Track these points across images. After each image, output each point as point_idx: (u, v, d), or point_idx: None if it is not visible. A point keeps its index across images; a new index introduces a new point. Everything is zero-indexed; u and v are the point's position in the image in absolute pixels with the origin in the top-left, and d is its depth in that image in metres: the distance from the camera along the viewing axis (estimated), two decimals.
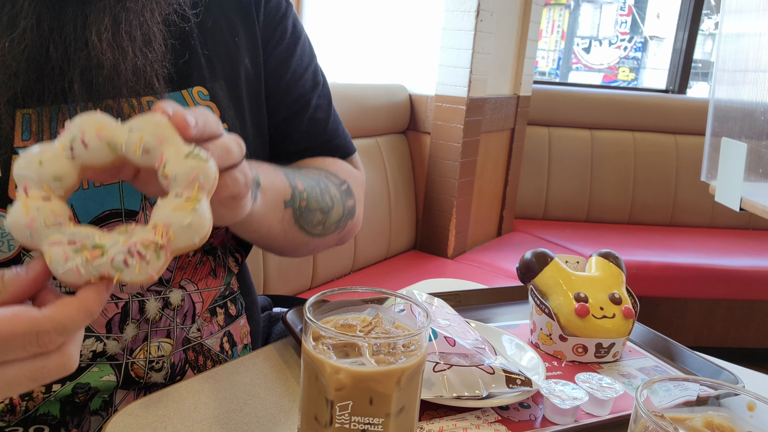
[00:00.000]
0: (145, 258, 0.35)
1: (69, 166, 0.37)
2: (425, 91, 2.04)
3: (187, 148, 0.37)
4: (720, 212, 2.55)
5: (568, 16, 4.62)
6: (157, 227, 0.36)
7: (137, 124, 0.37)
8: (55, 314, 0.34)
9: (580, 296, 0.67)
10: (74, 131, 0.37)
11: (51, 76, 0.48)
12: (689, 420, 0.40)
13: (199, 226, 0.37)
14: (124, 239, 0.36)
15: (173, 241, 0.36)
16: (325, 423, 0.42)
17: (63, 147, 0.37)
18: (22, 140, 0.49)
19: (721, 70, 1.79)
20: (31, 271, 0.36)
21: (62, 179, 0.37)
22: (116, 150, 0.37)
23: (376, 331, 0.44)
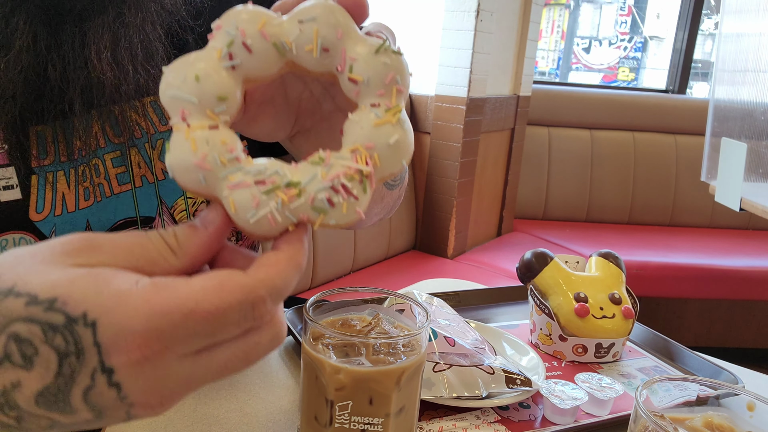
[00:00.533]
0: (352, 193, 0.28)
1: (231, 81, 0.29)
2: (425, 91, 2.04)
3: (373, 41, 0.30)
4: (720, 212, 2.55)
5: (568, 16, 4.62)
6: (358, 151, 0.29)
7: (306, 13, 0.29)
8: (267, 276, 0.27)
9: (579, 296, 0.67)
10: (231, 31, 0.29)
11: (50, 97, 0.46)
12: (689, 420, 0.40)
13: (405, 145, 0.30)
14: (323, 171, 0.28)
15: (379, 168, 0.29)
16: (325, 423, 0.42)
17: (219, 54, 0.29)
18: (40, 159, 0.48)
19: (721, 70, 1.79)
20: (210, 224, 0.29)
21: (227, 99, 0.29)
22: (285, 52, 0.29)
23: (375, 331, 0.44)
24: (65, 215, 0.50)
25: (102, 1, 0.45)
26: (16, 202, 0.48)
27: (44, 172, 0.48)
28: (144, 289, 0.26)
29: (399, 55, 0.30)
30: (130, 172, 0.52)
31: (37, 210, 0.49)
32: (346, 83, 0.30)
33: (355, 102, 0.30)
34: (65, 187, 0.50)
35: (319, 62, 0.30)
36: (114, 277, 0.27)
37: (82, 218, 0.51)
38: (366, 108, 0.30)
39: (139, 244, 0.29)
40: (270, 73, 0.30)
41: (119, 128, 0.50)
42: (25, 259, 0.28)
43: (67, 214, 0.50)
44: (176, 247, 0.29)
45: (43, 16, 0.45)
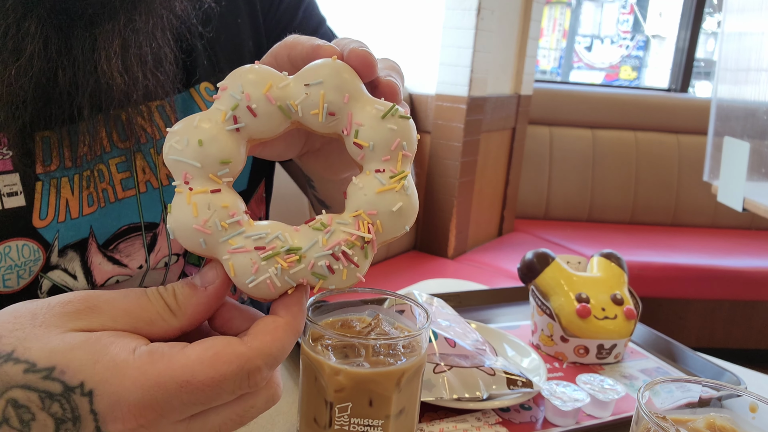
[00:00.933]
0: (351, 260, 0.28)
1: (235, 144, 0.29)
2: (425, 90, 2.04)
3: (381, 105, 0.29)
4: (722, 212, 2.54)
5: (570, 15, 4.61)
6: (361, 217, 0.29)
7: (313, 75, 0.29)
8: (264, 344, 0.28)
9: (581, 297, 0.67)
10: (236, 95, 0.29)
11: (59, 102, 0.46)
12: (691, 421, 0.39)
13: (410, 211, 0.30)
14: (324, 238, 0.28)
15: (381, 234, 0.29)
16: (325, 425, 0.41)
17: (224, 117, 0.29)
18: (44, 165, 0.47)
19: (723, 69, 1.78)
20: (209, 282, 0.29)
21: (230, 162, 0.29)
22: (290, 114, 0.30)
23: (375, 332, 0.44)
24: (69, 221, 0.50)
25: (113, 7, 0.45)
26: (20, 208, 0.47)
27: (49, 178, 0.48)
28: (140, 359, 0.27)
29: (406, 119, 0.30)
30: (134, 177, 0.52)
31: (40, 216, 0.48)
32: (352, 147, 0.30)
33: (360, 165, 0.30)
34: (69, 193, 0.49)
35: (325, 126, 0.30)
36: (111, 345, 0.27)
37: (86, 224, 0.51)
38: (371, 173, 0.29)
39: (138, 305, 0.29)
40: (276, 134, 0.31)
41: (125, 133, 0.50)
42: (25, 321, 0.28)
43: (71, 220, 0.50)
44: (175, 307, 0.29)
45: (54, 21, 0.44)
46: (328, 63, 0.29)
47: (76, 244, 0.50)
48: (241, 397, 0.29)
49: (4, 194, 0.46)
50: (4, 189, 0.46)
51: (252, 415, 0.29)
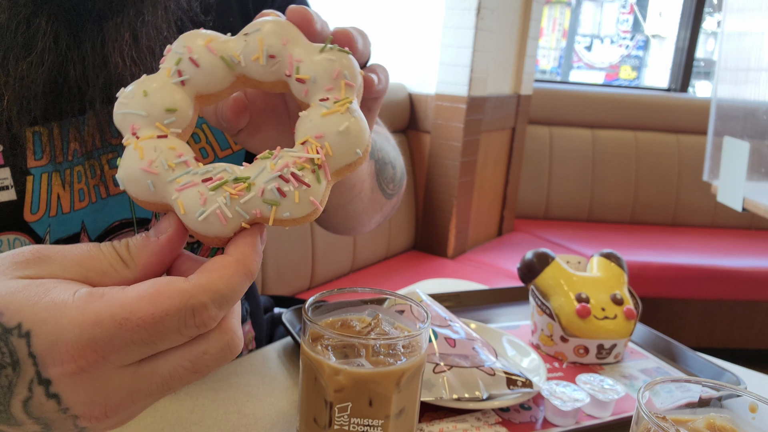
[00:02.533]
0: (303, 180, 0.27)
1: (181, 95, 0.30)
2: (425, 90, 2.04)
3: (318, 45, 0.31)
4: (722, 212, 2.54)
5: (570, 14, 4.61)
6: (309, 142, 0.29)
7: (251, 27, 0.31)
8: (209, 281, 0.26)
9: (581, 297, 0.67)
10: (179, 50, 0.30)
11: (69, 96, 0.46)
12: (691, 421, 0.39)
13: (358, 132, 0.29)
14: (272, 164, 0.28)
15: (332, 157, 0.29)
16: (324, 425, 0.41)
17: (168, 72, 0.30)
18: (35, 159, 0.47)
19: (723, 69, 1.78)
20: (162, 232, 0.29)
21: (176, 111, 0.29)
22: (233, 65, 0.30)
23: (375, 331, 0.44)
24: (60, 216, 0.50)
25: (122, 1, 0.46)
26: (11, 202, 0.47)
27: (40, 173, 0.48)
28: (79, 299, 0.26)
29: (345, 52, 0.30)
30: None
31: (31, 211, 0.48)
32: (296, 85, 0.30)
33: (307, 103, 0.30)
34: (60, 188, 0.49)
35: (267, 70, 0.30)
36: (54, 289, 0.26)
37: (78, 219, 0.51)
38: (315, 104, 0.30)
39: (89, 256, 0.28)
40: (222, 87, 0.31)
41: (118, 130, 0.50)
42: None
43: (62, 215, 0.50)
44: (128, 258, 0.28)
45: (64, 16, 0.45)
46: (265, 18, 0.31)
47: (68, 239, 0.50)
48: (192, 341, 0.27)
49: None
50: None
51: (206, 363, 0.28)
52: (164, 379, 0.27)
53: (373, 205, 0.60)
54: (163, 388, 0.27)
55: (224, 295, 0.27)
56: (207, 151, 0.55)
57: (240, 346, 0.29)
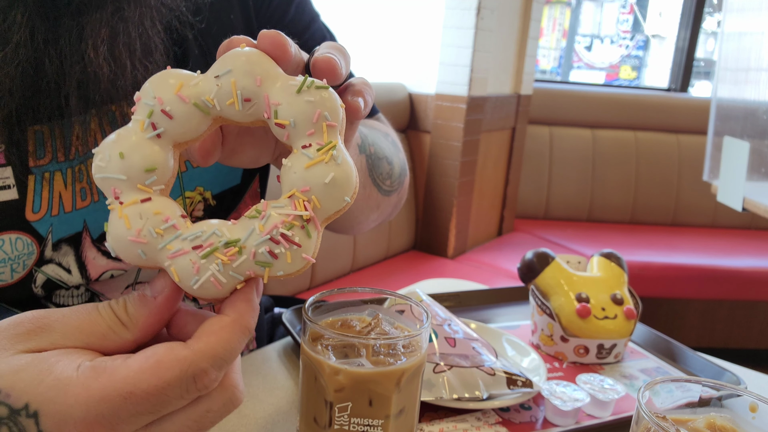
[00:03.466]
0: (293, 241, 0.27)
1: (158, 149, 0.29)
2: (425, 90, 2.04)
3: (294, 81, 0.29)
4: (722, 212, 2.54)
5: (570, 14, 4.61)
6: (295, 196, 0.28)
7: (221, 66, 0.29)
8: (208, 346, 0.27)
9: (581, 297, 0.67)
10: (149, 101, 0.29)
11: (47, 92, 0.45)
12: (691, 421, 0.39)
13: (345, 180, 0.29)
14: (261, 225, 0.28)
15: (320, 209, 0.29)
16: (324, 424, 0.41)
17: (142, 126, 0.29)
18: (37, 158, 0.47)
19: (723, 69, 1.78)
20: (159, 292, 0.29)
21: (156, 169, 0.29)
22: (208, 110, 0.29)
23: (375, 331, 0.44)
24: (62, 215, 0.50)
25: None
26: (12, 201, 0.47)
27: (41, 172, 0.48)
28: (84, 375, 0.27)
29: (324, 89, 0.29)
30: None
31: (33, 210, 0.48)
32: (276, 129, 0.30)
33: (289, 146, 0.30)
34: (62, 186, 0.49)
35: (244, 114, 0.29)
36: (57, 364, 0.27)
37: (79, 218, 0.50)
38: (298, 151, 0.29)
39: (89, 321, 0.29)
40: (199, 133, 0.30)
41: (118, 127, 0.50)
42: None
43: (64, 214, 0.50)
44: (126, 320, 0.29)
45: (41, 10, 0.44)
46: (235, 52, 0.29)
47: (70, 238, 0.50)
48: (195, 402, 0.28)
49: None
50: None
51: (211, 420, 0.29)
52: None
53: (367, 202, 0.60)
54: None
55: (223, 357, 0.27)
56: None
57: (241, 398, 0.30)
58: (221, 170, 0.56)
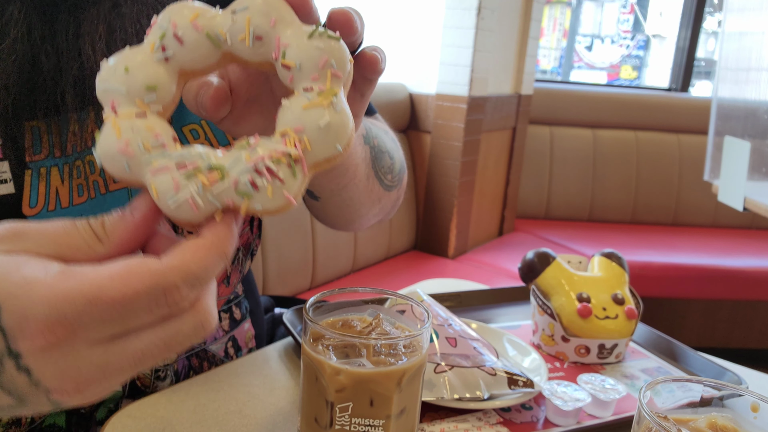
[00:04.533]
0: (277, 175, 0.27)
1: (163, 72, 0.30)
2: (426, 90, 2.04)
3: (308, 27, 0.30)
4: (723, 212, 2.54)
5: (570, 14, 4.61)
6: (287, 134, 0.28)
7: (240, 4, 0.29)
8: (182, 261, 0.27)
9: (582, 296, 0.67)
10: (163, 24, 0.30)
11: (43, 88, 0.45)
12: (693, 421, 0.39)
13: (340, 127, 0.28)
14: (248, 154, 0.27)
15: (310, 152, 0.28)
16: (325, 425, 0.41)
17: (152, 47, 0.30)
18: (34, 154, 0.47)
19: (724, 69, 1.78)
20: (137, 211, 0.29)
21: (157, 88, 0.29)
22: (219, 43, 0.30)
23: (376, 331, 0.44)
24: (59, 210, 0.49)
25: None
26: (9, 196, 0.47)
27: (38, 167, 0.48)
28: (51, 276, 0.26)
29: (336, 39, 0.29)
30: None
31: (30, 205, 0.48)
32: (281, 70, 0.30)
33: (291, 89, 0.30)
34: (59, 182, 0.49)
35: (254, 51, 0.30)
36: (25, 264, 0.27)
37: (77, 214, 0.50)
38: (299, 92, 0.29)
39: (65, 232, 0.28)
40: (207, 64, 0.30)
41: None
42: None
43: (61, 209, 0.49)
44: (102, 234, 0.28)
45: (38, 5, 0.44)
46: None
47: None
48: (165, 321, 0.27)
49: None
50: None
51: (179, 342, 0.28)
52: (136, 356, 0.27)
53: (369, 195, 0.60)
54: (135, 365, 0.28)
55: (197, 275, 0.27)
56: None
57: (213, 325, 0.29)
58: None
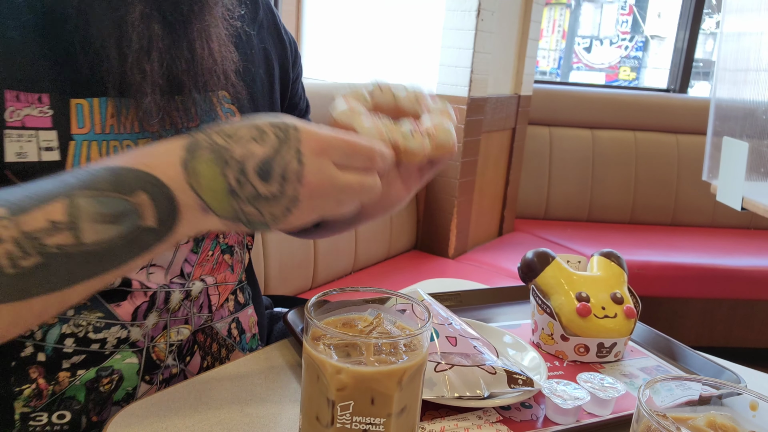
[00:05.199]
0: (423, 136, 0.52)
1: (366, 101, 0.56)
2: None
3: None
4: (721, 212, 2.54)
5: (569, 16, 4.61)
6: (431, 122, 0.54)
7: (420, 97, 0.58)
8: (378, 146, 0.48)
9: (581, 296, 0.67)
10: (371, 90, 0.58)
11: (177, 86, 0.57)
12: (692, 420, 0.40)
13: (452, 134, 0.53)
14: (410, 123, 0.52)
15: (437, 135, 0.52)
16: (327, 423, 0.41)
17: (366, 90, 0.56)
18: (78, 127, 0.53)
19: (722, 69, 1.78)
20: None
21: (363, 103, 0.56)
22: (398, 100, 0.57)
23: (377, 330, 0.44)
24: None
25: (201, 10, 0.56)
26: (54, 163, 0.52)
27: (81, 140, 0.53)
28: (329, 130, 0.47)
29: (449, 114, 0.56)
30: None
31: None
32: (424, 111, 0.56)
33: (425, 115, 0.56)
34: (97, 156, 0.54)
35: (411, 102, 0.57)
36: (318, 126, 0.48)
37: None
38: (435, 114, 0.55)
39: None
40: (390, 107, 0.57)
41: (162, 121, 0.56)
42: None
43: None
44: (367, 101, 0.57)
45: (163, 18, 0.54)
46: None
47: None
48: (364, 171, 0.47)
49: (42, 148, 0.51)
50: (42, 143, 0.51)
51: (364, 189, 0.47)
52: (342, 187, 0.46)
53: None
54: (342, 191, 0.46)
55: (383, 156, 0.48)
56: None
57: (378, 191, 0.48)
58: None
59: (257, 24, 0.69)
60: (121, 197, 0.42)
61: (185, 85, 0.57)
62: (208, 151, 0.44)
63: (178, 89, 0.56)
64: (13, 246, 0.40)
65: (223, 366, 0.62)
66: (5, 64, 0.50)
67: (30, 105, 0.50)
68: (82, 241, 0.41)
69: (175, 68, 0.55)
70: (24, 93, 0.50)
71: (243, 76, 0.64)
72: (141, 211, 0.42)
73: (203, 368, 0.66)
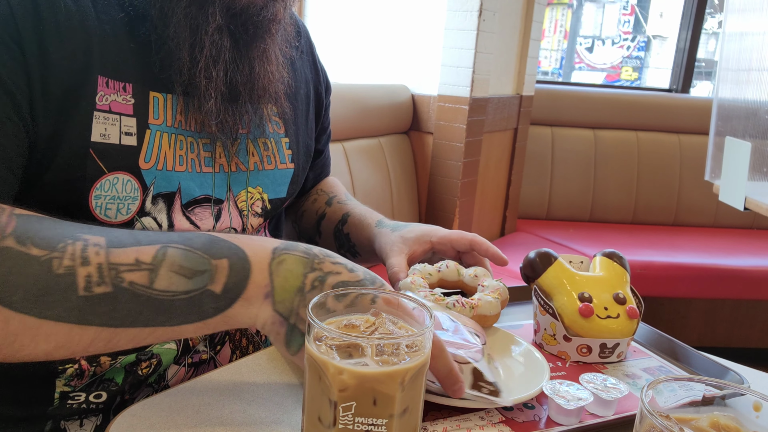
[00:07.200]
0: (465, 307, 0.63)
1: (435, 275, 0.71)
2: (428, 91, 2.04)
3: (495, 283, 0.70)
4: (724, 212, 2.54)
5: (571, 16, 4.61)
6: (476, 297, 0.65)
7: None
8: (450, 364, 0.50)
9: (584, 296, 0.67)
10: None
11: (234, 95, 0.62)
12: (695, 420, 0.40)
13: (494, 309, 0.65)
14: (456, 298, 0.63)
15: (479, 308, 0.63)
16: (329, 424, 0.41)
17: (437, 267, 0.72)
18: (154, 118, 0.59)
19: (724, 69, 1.78)
20: None
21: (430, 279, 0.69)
22: (461, 277, 0.72)
23: (379, 331, 0.44)
24: (164, 172, 0.60)
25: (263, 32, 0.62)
26: (131, 147, 0.57)
27: (155, 129, 0.59)
28: None
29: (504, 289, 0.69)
30: (213, 158, 0.64)
31: (145, 159, 0.58)
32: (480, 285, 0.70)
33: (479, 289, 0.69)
34: (167, 146, 0.59)
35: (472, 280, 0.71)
36: None
37: (176, 179, 0.61)
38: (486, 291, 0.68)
39: None
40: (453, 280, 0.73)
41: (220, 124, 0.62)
42: None
43: (166, 171, 0.60)
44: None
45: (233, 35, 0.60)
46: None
47: (166, 195, 0.60)
48: None
49: (123, 132, 0.57)
50: (124, 128, 0.57)
51: None
52: None
53: None
54: None
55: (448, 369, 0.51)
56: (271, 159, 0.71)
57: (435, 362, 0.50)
58: (275, 180, 0.71)
59: (299, 50, 0.76)
60: (206, 258, 0.46)
61: (241, 96, 0.62)
62: (302, 253, 0.49)
63: (234, 98, 0.62)
64: (95, 271, 0.43)
65: (226, 366, 0.62)
66: (100, 52, 0.54)
67: (116, 92, 0.56)
68: (153, 285, 0.44)
69: (235, 80, 0.60)
70: (112, 80, 0.55)
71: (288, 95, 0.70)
72: (214, 274, 0.46)
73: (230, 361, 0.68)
